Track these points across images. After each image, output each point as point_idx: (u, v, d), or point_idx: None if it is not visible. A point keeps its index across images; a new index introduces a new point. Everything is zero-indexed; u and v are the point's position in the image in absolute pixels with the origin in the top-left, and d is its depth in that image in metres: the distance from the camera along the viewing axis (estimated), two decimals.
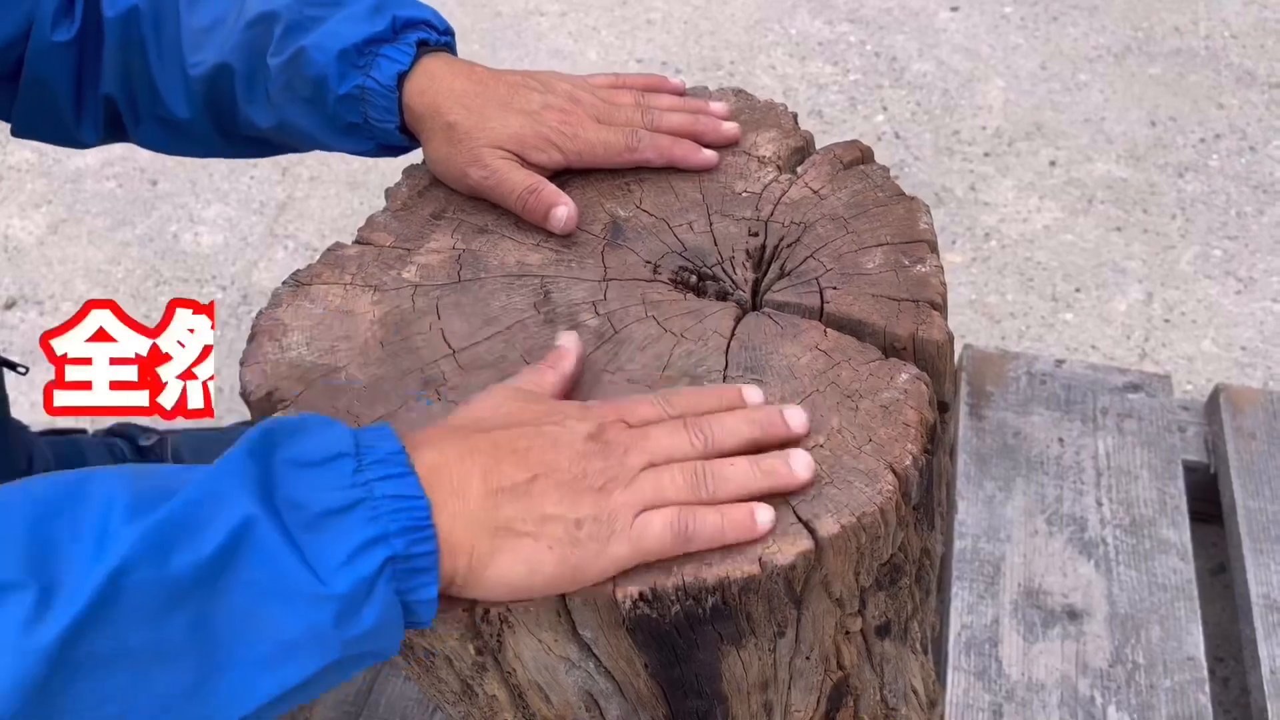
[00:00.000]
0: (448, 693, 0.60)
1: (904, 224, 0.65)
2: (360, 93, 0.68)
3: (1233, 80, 1.96)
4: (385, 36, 0.68)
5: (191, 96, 0.74)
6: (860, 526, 0.51)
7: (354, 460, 0.45)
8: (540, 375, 0.55)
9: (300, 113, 0.71)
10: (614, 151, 0.69)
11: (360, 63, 0.67)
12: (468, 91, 0.68)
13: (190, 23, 0.73)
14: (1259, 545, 1.14)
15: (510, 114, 0.67)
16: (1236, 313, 1.59)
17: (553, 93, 0.69)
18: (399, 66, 0.68)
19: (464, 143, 0.67)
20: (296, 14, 0.69)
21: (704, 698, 0.56)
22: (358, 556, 0.43)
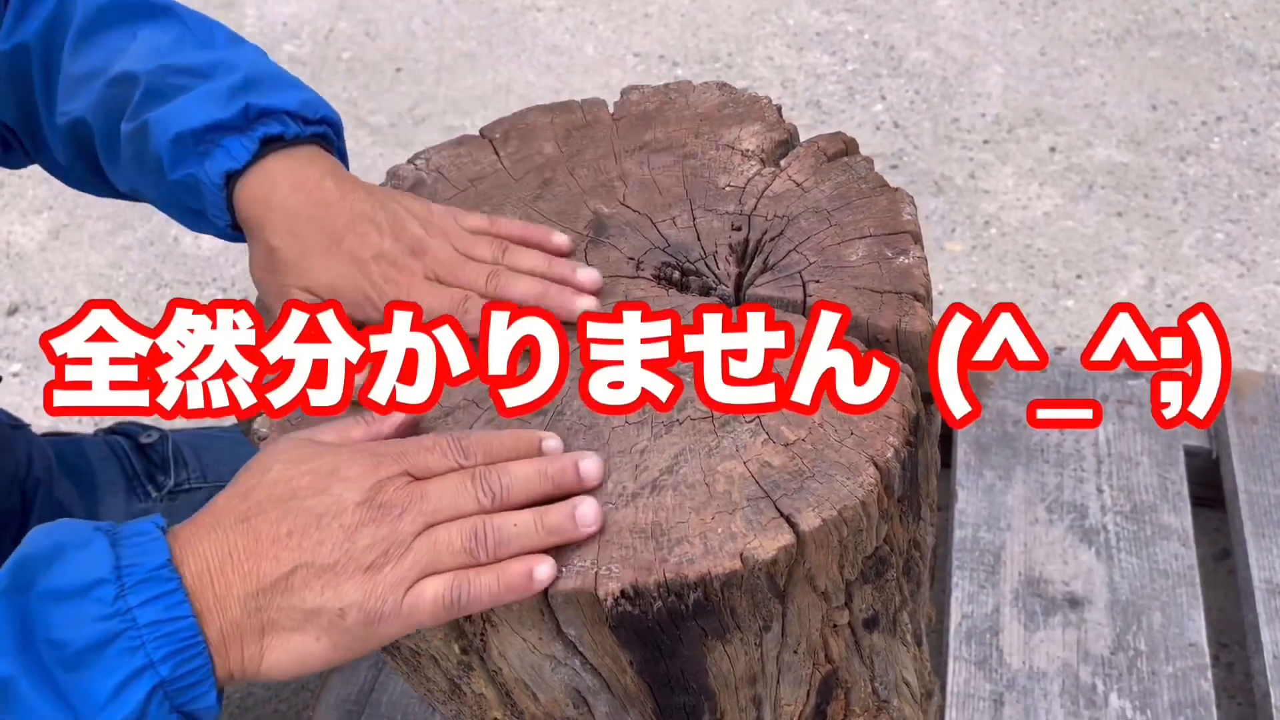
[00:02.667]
0: (437, 692, 0.60)
1: (887, 215, 0.64)
2: (193, 181, 0.62)
3: (1234, 62, 1.95)
4: (232, 125, 0.62)
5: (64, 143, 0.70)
6: (841, 520, 0.51)
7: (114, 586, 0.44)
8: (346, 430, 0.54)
9: (149, 186, 0.67)
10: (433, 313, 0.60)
11: (198, 149, 0.62)
12: (301, 214, 0.61)
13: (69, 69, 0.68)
14: (1261, 530, 1.13)
15: (335, 258, 0.60)
16: (1239, 296, 1.58)
17: (395, 238, 0.61)
18: (231, 164, 0.62)
19: (279, 274, 0.61)
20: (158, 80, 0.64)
21: (691, 693, 0.56)
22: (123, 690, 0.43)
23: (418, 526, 0.49)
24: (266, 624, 0.47)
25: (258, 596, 0.47)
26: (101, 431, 1.06)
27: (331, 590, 0.47)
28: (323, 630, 0.47)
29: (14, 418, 0.97)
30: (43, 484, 0.94)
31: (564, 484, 0.52)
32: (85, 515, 0.97)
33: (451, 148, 0.74)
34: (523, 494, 0.51)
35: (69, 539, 0.46)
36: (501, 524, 0.50)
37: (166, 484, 1.01)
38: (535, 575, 0.49)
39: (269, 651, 0.47)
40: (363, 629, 0.48)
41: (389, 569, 0.48)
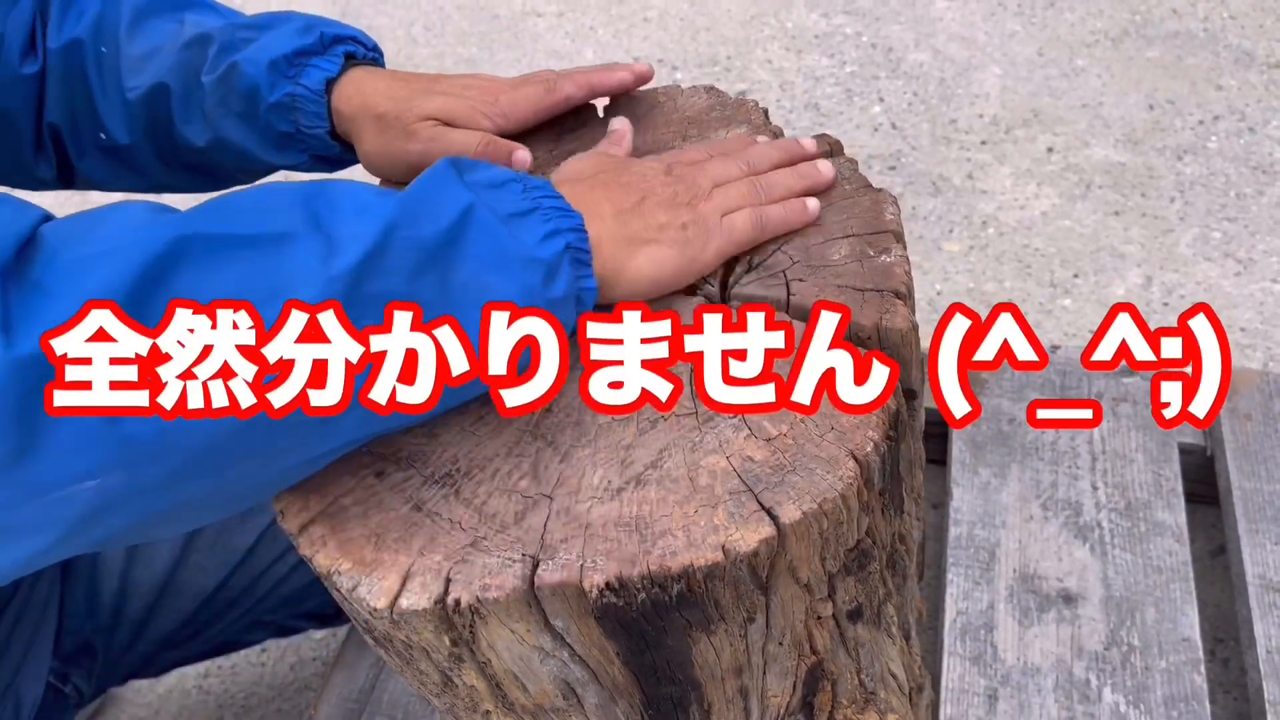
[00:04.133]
0: (430, 685, 0.62)
1: (870, 215, 0.66)
2: (290, 100, 0.72)
3: (1231, 61, 1.95)
4: (314, 49, 0.73)
5: (131, 120, 0.77)
6: (821, 512, 0.52)
7: (520, 184, 0.56)
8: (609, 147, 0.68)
9: (234, 127, 0.74)
10: (535, 98, 0.73)
11: (290, 72, 0.72)
12: (392, 87, 0.72)
13: (129, 50, 0.76)
14: (1255, 526, 1.14)
15: (434, 94, 0.72)
16: (1236, 294, 1.59)
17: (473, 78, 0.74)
18: (327, 74, 0.72)
19: (395, 125, 0.71)
20: (230, 35, 0.74)
21: (677, 684, 0.58)
22: (548, 239, 0.54)
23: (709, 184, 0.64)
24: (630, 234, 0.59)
25: (621, 215, 0.59)
26: None
27: (673, 212, 0.61)
28: (672, 241, 0.60)
29: None
30: None
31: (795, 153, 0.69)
32: None
33: None
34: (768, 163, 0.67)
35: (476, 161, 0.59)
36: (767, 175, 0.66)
37: None
38: (809, 206, 0.65)
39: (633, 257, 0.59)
40: (699, 240, 0.61)
41: (704, 203, 0.63)
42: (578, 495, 0.54)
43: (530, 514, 0.54)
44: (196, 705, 1.28)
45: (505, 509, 0.54)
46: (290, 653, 1.31)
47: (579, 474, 0.55)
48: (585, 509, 0.53)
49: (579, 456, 0.56)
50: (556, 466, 0.56)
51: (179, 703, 1.28)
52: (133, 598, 1.00)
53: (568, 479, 0.55)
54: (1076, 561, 1.12)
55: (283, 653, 1.31)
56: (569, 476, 0.55)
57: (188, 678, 1.29)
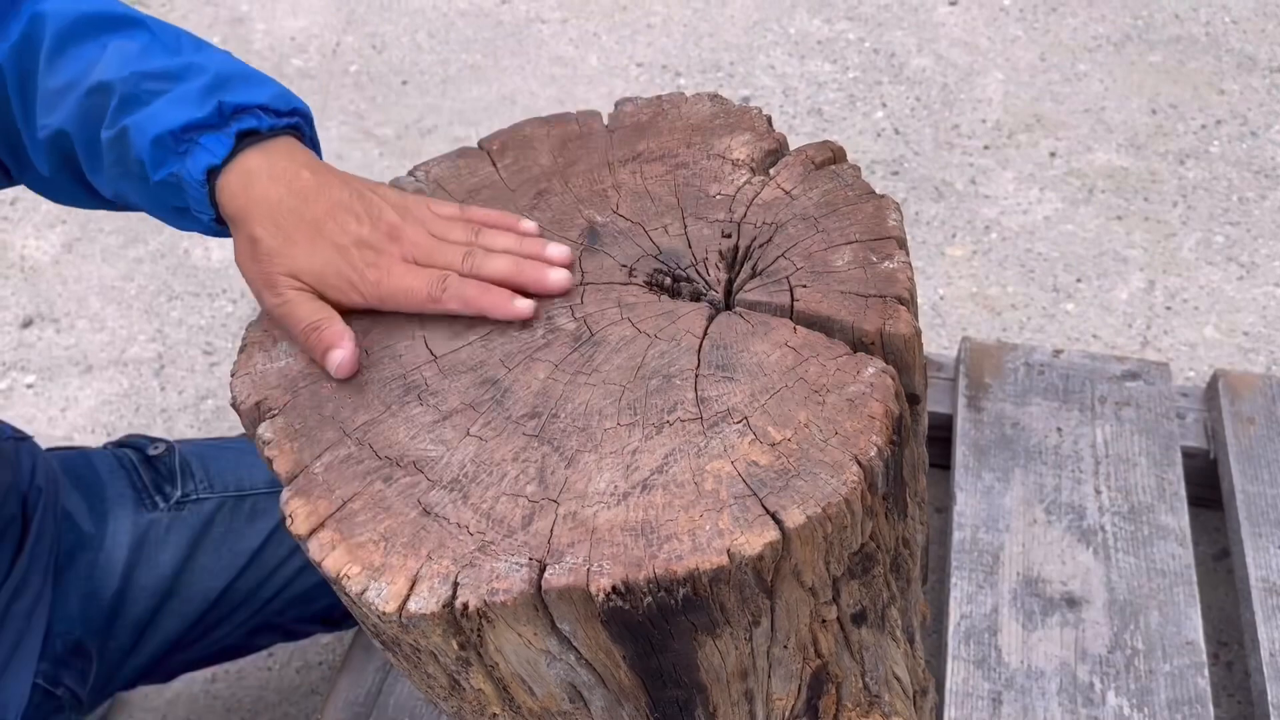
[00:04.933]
0: (438, 688, 0.62)
1: (873, 221, 0.66)
2: (175, 180, 0.65)
3: (1233, 65, 1.96)
4: (208, 123, 0.65)
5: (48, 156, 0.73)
6: (826, 517, 0.53)
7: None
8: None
9: (132, 190, 0.70)
10: (416, 300, 0.63)
11: (178, 149, 0.64)
12: (281, 206, 0.64)
13: (45, 83, 0.70)
14: (1258, 529, 1.15)
15: (317, 244, 0.63)
16: (1239, 298, 1.59)
17: (373, 224, 0.64)
18: (211, 159, 0.64)
19: (263, 263, 0.63)
20: (132, 87, 0.67)
21: (683, 687, 0.58)
22: None
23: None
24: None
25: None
26: (109, 444, 1.08)
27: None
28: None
29: (18, 431, 0.99)
30: (44, 492, 0.95)
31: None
32: (93, 524, 0.99)
33: (451, 160, 0.76)
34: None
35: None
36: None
37: (174, 495, 1.03)
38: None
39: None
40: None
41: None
42: (584, 500, 0.55)
43: (537, 518, 0.54)
44: (204, 709, 1.28)
45: (512, 513, 0.55)
46: (297, 657, 1.32)
47: (585, 479, 0.56)
48: (591, 513, 0.54)
49: (585, 461, 0.56)
50: (563, 471, 0.56)
51: (187, 707, 1.29)
52: (136, 599, 1.00)
53: (574, 484, 0.55)
54: (1080, 565, 1.12)
55: (289, 657, 1.32)
56: (575, 481, 0.56)
57: (195, 682, 1.30)
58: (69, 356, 1.69)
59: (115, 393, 1.64)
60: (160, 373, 1.66)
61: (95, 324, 1.74)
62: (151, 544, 1.01)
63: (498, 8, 2.26)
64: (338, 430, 0.59)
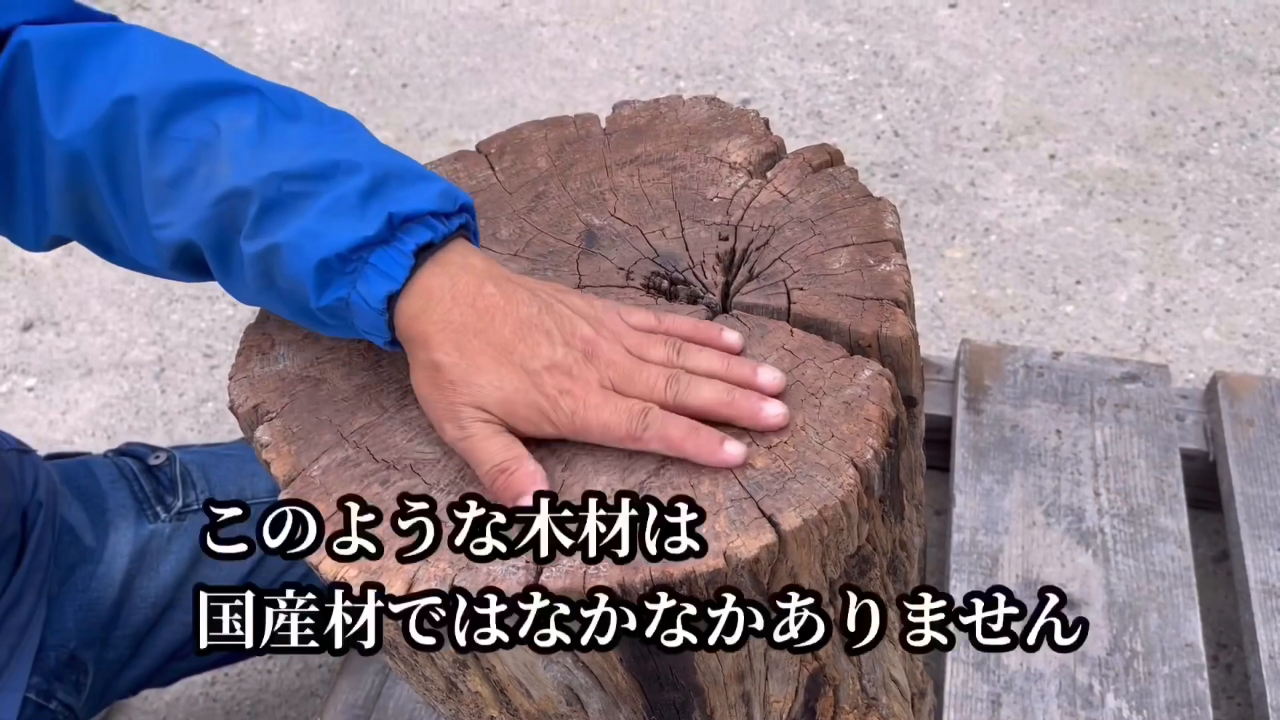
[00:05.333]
0: (435, 691, 0.62)
1: (870, 224, 0.66)
2: (344, 306, 0.57)
3: (1233, 68, 1.96)
4: (378, 239, 0.56)
5: (161, 255, 0.64)
6: (822, 519, 0.53)
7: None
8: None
9: (282, 307, 0.62)
10: (615, 436, 0.56)
11: (347, 269, 0.56)
12: (466, 328, 0.57)
13: (152, 173, 0.61)
14: (1257, 531, 1.14)
15: (506, 370, 0.56)
16: (1238, 300, 1.59)
17: (567, 344, 0.57)
18: (390, 285, 0.56)
19: (446, 392, 0.56)
20: (274, 191, 0.57)
21: (680, 689, 0.58)
22: None
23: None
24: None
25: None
26: (110, 453, 1.08)
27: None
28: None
29: (21, 443, 0.99)
30: (44, 507, 0.95)
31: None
32: (94, 538, 0.99)
33: (449, 163, 0.76)
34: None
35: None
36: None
37: (175, 505, 1.03)
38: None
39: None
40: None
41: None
42: None
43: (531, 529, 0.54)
44: (203, 712, 1.28)
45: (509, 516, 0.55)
46: (297, 660, 1.32)
47: (582, 481, 0.56)
48: None
49: (582, 464, 0.56)
50: (560, 474, 0.56)
51: (185, 710, 1.29)
52: (135, 610, 1.00)
53: (571, 486, 0.56)
54: (1079, 567, 1.12)
55: (289, 659, 1.32)
56: (572, 484, 0.56)
57: (194, 685, 1.30)
58: (69, 360, 1.69)
59: (116, 396, 1.64)
60: (160, 376, 1.66)
61: (96, 327, 1.74)
62: (152, 555, 1.00)
63: (498, 11, 2.26)
64: (335, 433, 0.60)
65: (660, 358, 0.58)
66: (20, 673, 0.91)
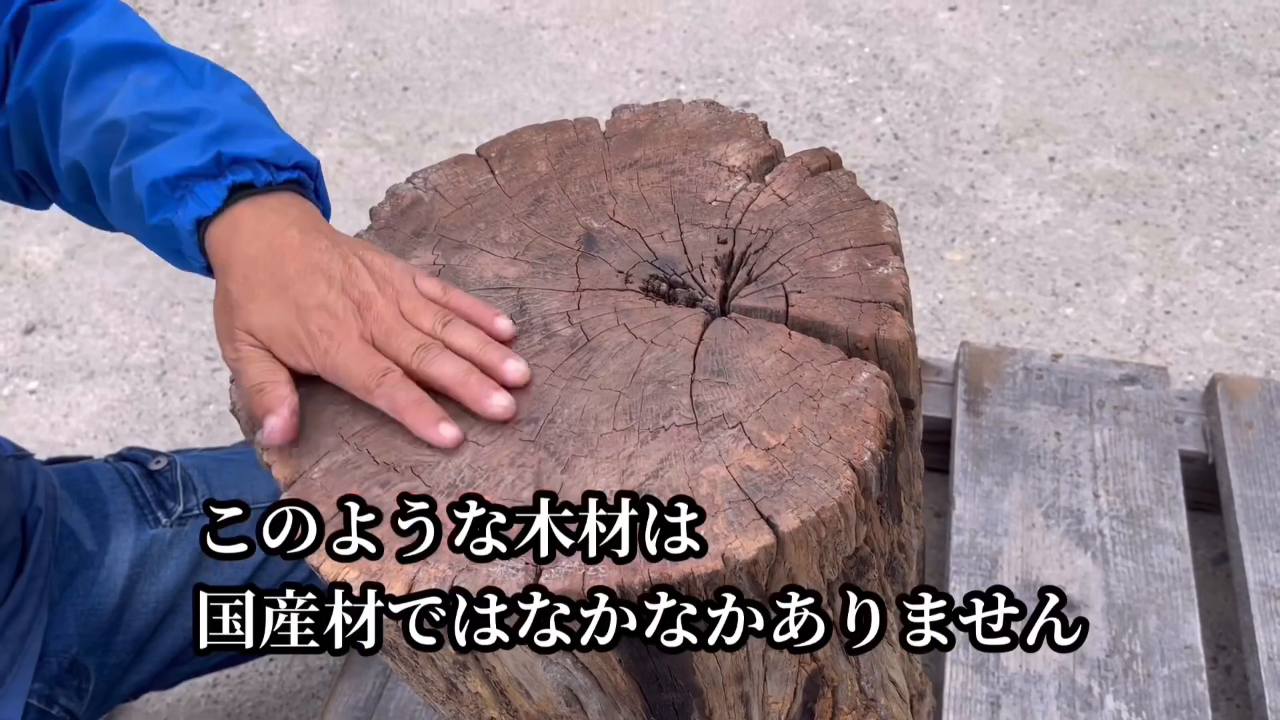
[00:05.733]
0: (435, 692, 0.63)
1: (868, 228, 0.67)
2: (169, 226, 0.65)
3: (1233, 70, 1.96)
4: (205, 172, 0.64)
5: (68, 185, 0.74)
6: (820, 521, 0.53)
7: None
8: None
9: (134, 228, 0.70)
10: (352, 385, 0.61)
11: (174, 195, 0.64)
12: (257, 260, 0.63)
13: (69, 113, 0.71)
14: (1256, 533, 1.15)
15: (278, 303, 0.62)
16: (1238, 302, 1.59)
17: (343, 290, 0.62)
18: (201, 210, 0.64)
19: (227, 316, 0.64)
20: (141, 127, 0.67)
21: (679, 690, 0.58)
22: None
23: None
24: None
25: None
26: (111, 458, 1.08)
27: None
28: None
29: (19, 448, 0.99)
30: (44, 513, 0.95)
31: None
32: (95, 543, 0.99)
33: (449, 166, 0.76)
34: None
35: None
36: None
37: (176, 510, 1.03)
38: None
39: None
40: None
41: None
42: None
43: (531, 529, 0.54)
44: (205, 714, 1.29)
45: None
46: (298, 661, 1.32)
47: (581, 483, 0.56)
48: None
49: (581, 466, 0.57)
50: (559, 476, 0.57)
51: (187, 711, 1.29)
52: (137, 615, 1.00)
53: (570, 489, 0.56)
54: (1078, 569, 1.13)
55: (290, 661, 1.32)
56: (571, 486, 0.56)
57: (196, 687, 1.30)
58: (71, 362, 1.70)
59: (117, 398, 1.64)
60: (162, 378, 1.67)
61: (97, 330, 1.74)
62: (154, 560, 1.01)
63: (499, 14, 2.26)
64: (336, 436, 0.60)
65: (425, 326, 0.62)
66: (23, 679, 0.92)
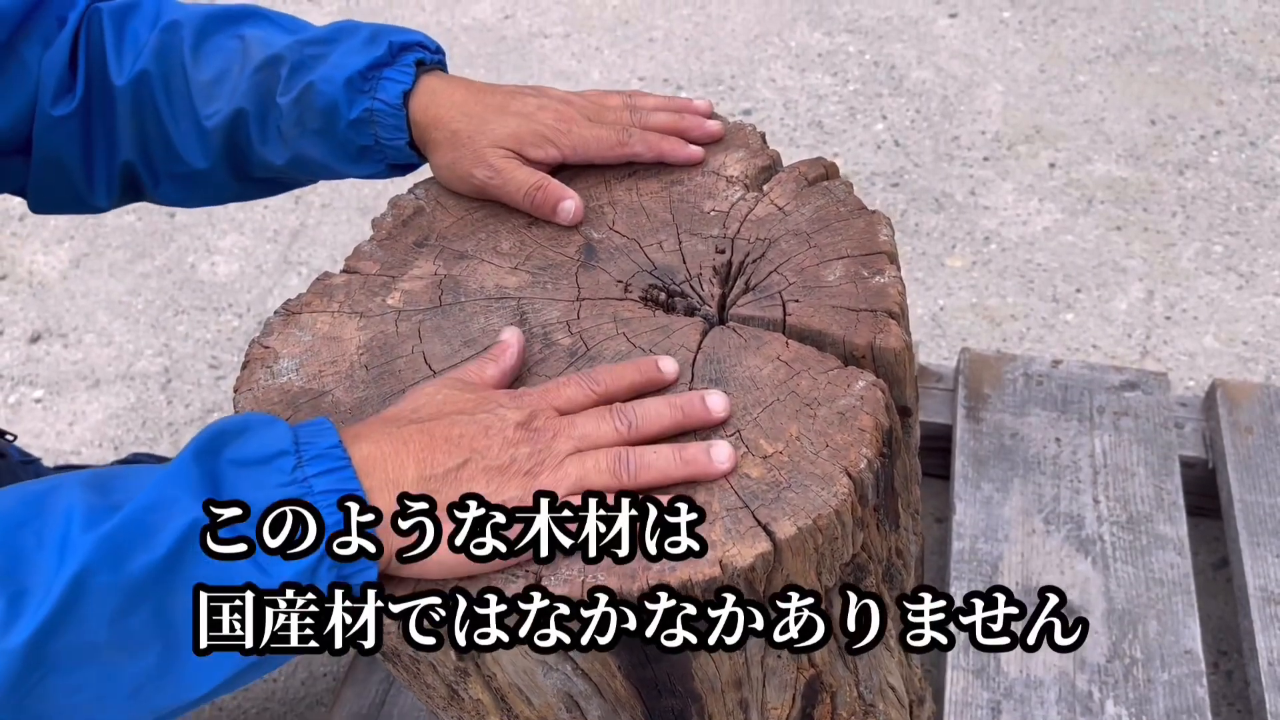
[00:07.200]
0: (437, 698, 0.63)
1: (864, 237, 0.67)
2: (369, 115, 0.73)
3: (1232, 76, 1.97)
4: (385, 61, 0.74)
5: (208, 147, 0.80)
6: (816, 528, 0.54)
7: (293, 457, 0.49)
8: (481, 368, 0.59)
9: (312, 144, 0.76)
10: (606, 145, 0.73)
11: (365, 87, 0.73)
12: (467, 100, 0.73)
13: (197, 76, 0.78)
14: (1256, 539, 1.15)
15: (508, 116, 0.72)
16: (1238, 308, 1.60)
17: (546, 96, 0.75)
18: (402, 86, 0.73)
19: (467, 145, 0.72)
20: (299, 54, 0.75)
21: (678, 696, 0.59)
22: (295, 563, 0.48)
23: (569, 448, 0.54)
24: None
25: (429, 481, 0.51)
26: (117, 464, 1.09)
27: (496, 485, 0.52)
28: None
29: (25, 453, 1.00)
30: None
31: (691, 413, 0.57)
32: None
33: None
34: (656, 424, 0.57)
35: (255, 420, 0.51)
36: (642, 451, 0.55)
37: None
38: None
39: None
40: None
41: (545, 476, 0.53)
42: None
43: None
44: None
45: None
46: (302, 668, 1.33)
47: None
48: None
49: None
50: None
51: (190, 716, 1.30)
52: None
53: None
54: (1079, 574, 1.13)
55: (294, 668, 1.33)
56: None
57: None
58: (76, 371, 1.71)
59: (122, 407, 1.65)
60: (167, 386, 1.68)
61: (102, 338, 1.75)
62: None
63: (501, 23, 2.28)
64: None
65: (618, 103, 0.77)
66: None
